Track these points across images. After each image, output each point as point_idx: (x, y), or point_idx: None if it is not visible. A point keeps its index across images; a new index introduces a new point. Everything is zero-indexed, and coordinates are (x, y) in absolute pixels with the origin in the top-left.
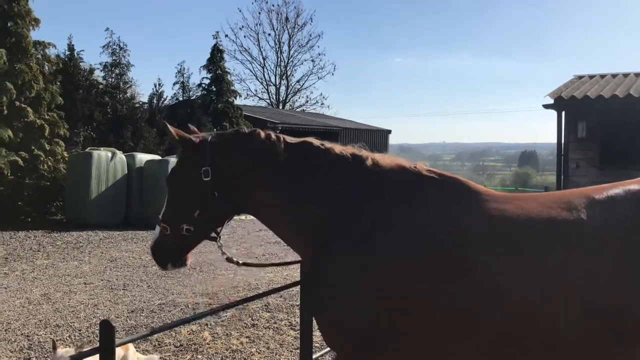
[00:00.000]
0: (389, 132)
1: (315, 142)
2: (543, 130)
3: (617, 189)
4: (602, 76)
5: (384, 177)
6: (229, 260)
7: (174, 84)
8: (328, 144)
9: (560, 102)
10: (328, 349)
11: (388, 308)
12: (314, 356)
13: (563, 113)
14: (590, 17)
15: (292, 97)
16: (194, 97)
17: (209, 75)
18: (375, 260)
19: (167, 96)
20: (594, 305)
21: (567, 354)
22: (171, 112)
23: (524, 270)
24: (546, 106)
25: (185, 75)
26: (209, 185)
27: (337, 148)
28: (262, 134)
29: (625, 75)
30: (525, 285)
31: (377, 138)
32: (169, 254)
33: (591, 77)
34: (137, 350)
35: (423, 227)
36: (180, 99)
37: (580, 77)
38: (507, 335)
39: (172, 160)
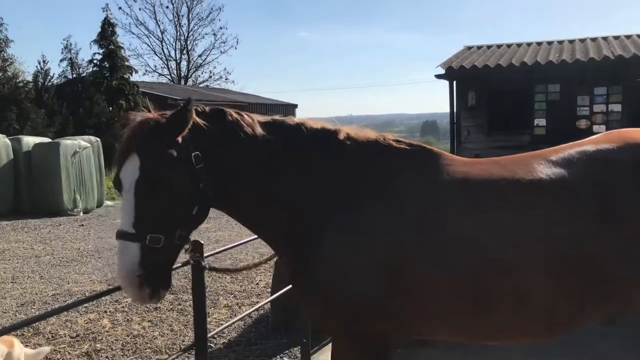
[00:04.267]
0: (296, 106)
1: (286, 120)
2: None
3: (572, 150)
4: (489, 47)
5: (359, 151)
6: (213, 269)
7: (61, 61)
8: (295, 120)
9: (451, 72)
10: (218, 330)
11: (381, 277)
12: (208, 335)
13: (454, 83)
14: None
15: (194, 72)
16: (85, 74)
17: (100, 51)
18: (367, 233)
19: (54, 74)
20: (556, 255)
21: (538, 300)
22: (60, 90)
23: (494, 226)
24: (438, 76)
25: (73, 52)
26: (201, 174)
27: (308, 124)
28: (233, 112)
29: (509, 45)
30: (497, 239)
31: (284, 113)
32: (161, 276)
33: (479, 47)
34: (26, 345)
35: (402, 197)
36: (70, 76)
37: (469, 48)
38: (486, 290)
39: (65, 142)
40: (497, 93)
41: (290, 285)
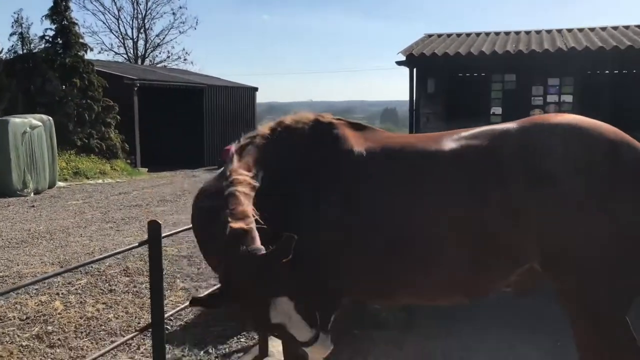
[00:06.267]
0: (256, 89)
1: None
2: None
3: (480, 128)
4: (449, 35)
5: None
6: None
7: (11, 35)
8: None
9: (411, 59)
10: (175, 310)
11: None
12: (166, 315)
13: (414, 70)
14: None
15: (151, 52)
16: (37, 50)
17: (53, 27)
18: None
19: (2, 49)
20: (456, 221)
21: (441, 264)
22: (9, 66)
23: (406, 191)
24: (399, 63)
25: (24, 26)
26: None
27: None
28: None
29: (469, 35)
30: (407, 203)
31: (244, 96)
32: None
33: (439, 35)
34: None
35: (339, 168)
36: (20, 52)
37: (430, 36)
38: (398, 242)
39: (15, 120)
40: (456, 81)
41: None
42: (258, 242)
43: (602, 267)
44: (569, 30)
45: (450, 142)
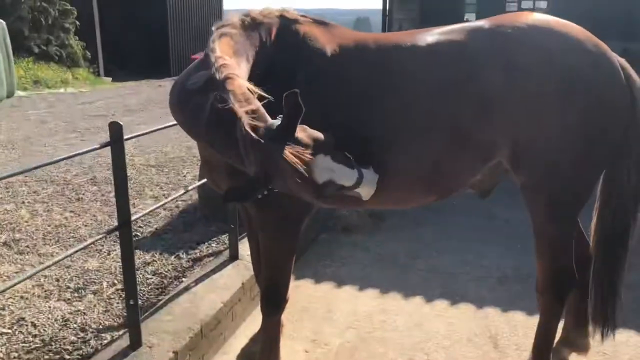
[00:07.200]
0: None
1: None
2: None
3: (453, 26)
4: None
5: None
6: None
7: None
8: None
9: None
10: (144, 212)
11: None
12: (133, 217)
13: None
14: None
15: None
16: None
17: None
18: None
19: None
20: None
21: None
22: None
23: (381, 86)
24: None
25: None
26: None
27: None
28: None
29: None
30: (382, 98)
31: (211, 2)
32: None
33: None
34: None
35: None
36: None
37: None
38: (374, 137)
39: None
40: None
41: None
42: (268, 117)
43: (565, 160)
44: None
45: (423, 36)
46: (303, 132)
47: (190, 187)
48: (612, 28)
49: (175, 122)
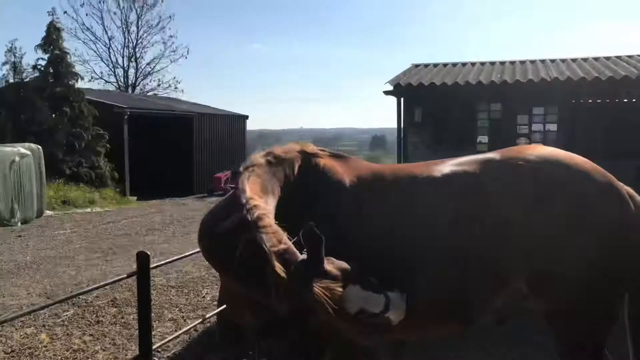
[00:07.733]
0: (246, 117)
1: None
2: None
3: (465, 157)
4: (436, 65)
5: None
6: None
7: (4, 64)
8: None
9: (399, 89)
10: (164, 341)
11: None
12: (154, 346)
13: (402, 99)
14: (435, 10)
15: (142, 80)
16: (28, 79)
17: (45, 56)
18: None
19: None
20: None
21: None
22: (0, 95)
23: (400, 218)
24: (386, 92)
25: (17, 55)
26: None
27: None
28: None
29: (455, 64)
30: (401, 230)
31: (235, 124)
32: None
33: (426, 65)
34: None
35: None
36: (12, 81)
37: (417, 66)
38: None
39: (4, 149)
40: (443, 110)
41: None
42: (298, 254)
43: (582, 285)
44: (552, 61)
45: (438, 168)
46: (331, 265)
47: (208, 315)
48: (618, 144)
49: (197, 249)
